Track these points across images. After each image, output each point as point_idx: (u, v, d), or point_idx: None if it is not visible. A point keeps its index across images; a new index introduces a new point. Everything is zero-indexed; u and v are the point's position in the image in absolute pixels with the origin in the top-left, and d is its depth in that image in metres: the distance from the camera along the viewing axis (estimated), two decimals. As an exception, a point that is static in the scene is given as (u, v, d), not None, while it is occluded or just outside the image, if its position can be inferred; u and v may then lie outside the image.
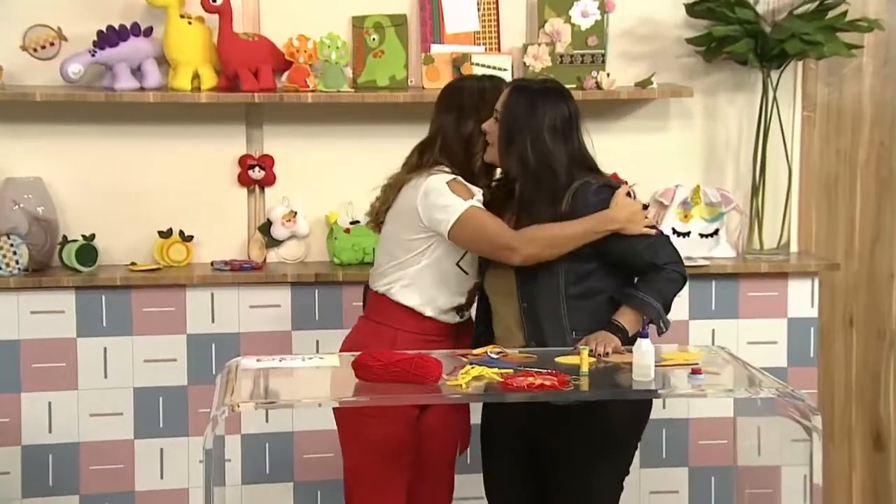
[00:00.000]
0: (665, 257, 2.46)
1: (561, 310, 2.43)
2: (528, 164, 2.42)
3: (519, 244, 2.40)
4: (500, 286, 2.49)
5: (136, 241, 3.17)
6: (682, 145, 3.35)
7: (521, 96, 2.43)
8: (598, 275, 2.46)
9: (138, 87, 3.11)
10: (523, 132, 2.41)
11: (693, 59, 3.31)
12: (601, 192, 2.46)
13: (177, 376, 3.10)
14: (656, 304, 2.41)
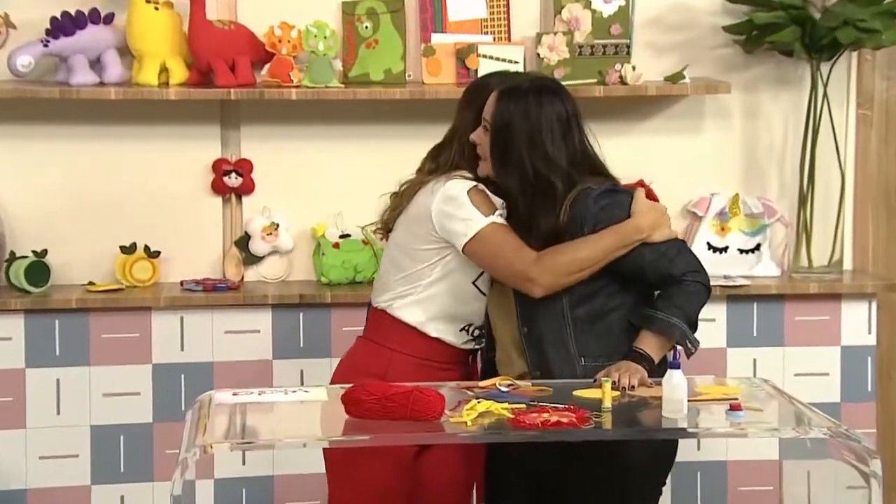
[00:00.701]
0: (682, 266, 2.44)
1: (566, 334, 2.43)
2: (526, 176, 2.42)
3: (537, 274, 2.39)
4: (498, 306, 2.50)
5: (95, 257, 3.19)
6: (718, 148, 3.37)
7: (511, 100, 2.43)
8: (606, 293, 2.45)
9: (97, 81, 3.13)
10: (518, 141, 2.41)
11: (731, 50, 3.33)
12: (603, 198, 2.45)
13: (140, 412, 3.12)
14: (679, 322, 2.41)
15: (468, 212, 2.43)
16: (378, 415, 2.15)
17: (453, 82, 3.23)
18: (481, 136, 2.47)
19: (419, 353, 2.46)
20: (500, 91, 2.45)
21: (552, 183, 2.42)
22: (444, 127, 3.34)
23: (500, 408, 2.22)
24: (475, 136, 2.49)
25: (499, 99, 2.44)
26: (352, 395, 2.17)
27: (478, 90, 2.55)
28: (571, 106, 2.46)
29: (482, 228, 2.42)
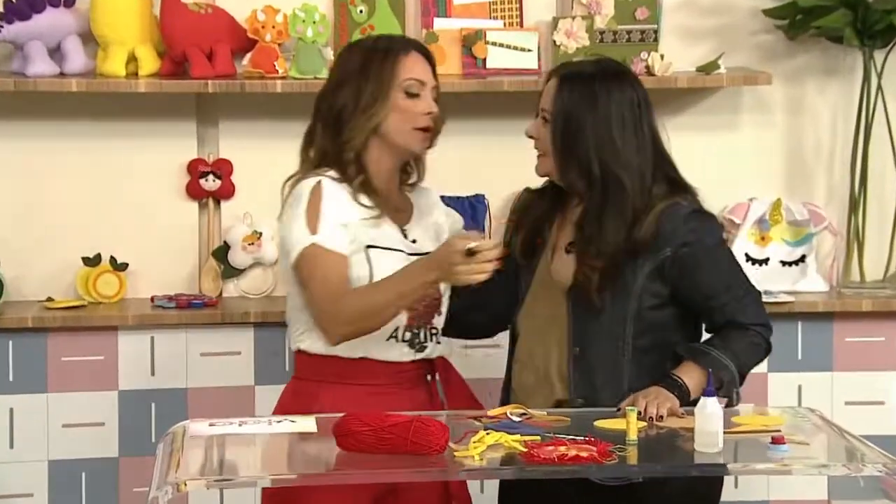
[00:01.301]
0: (753, 317, 2.47)
1: (622, 362, 2.43)
2: (593, 174, 2.40)
3: (327, 323, 2.39)
4: (540, 321, 2.48)
5: (54, 270, 3.19)
6: (757, 147, 3.37)
7: (575, 86, 2.42)
8: (671, 327, 2.47)
9: (58, 72, 3.13)
10: (584, 133, 2.40)
11: (772, 37, 3.34)
12: (693, 219, 2.45)
13: (105, 445, 3.12)
14: (731, 365, 2.42)
15: (296, 225, 2.42)
16: (373, 448, 2.15)
17: (459, 73, 3.23)
18: (538, 128, 2.46)
19: (349, 379, 2.44)
20: (561, 77, 2.44)
21: (621, 183, 2.40)
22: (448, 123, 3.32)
23: (511, 440, 2.21)
24: (532, 129, 2.48)
25: (560, 87, 2.43)
26: (344, 426, 2.17)
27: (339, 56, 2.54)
28: (642, 91, 2.46)
29: (302, 250, 2.41)
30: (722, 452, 2.22)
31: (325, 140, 2.48)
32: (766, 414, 2.55)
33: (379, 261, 2.44)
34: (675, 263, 2.44)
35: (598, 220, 2.41)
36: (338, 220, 2.43)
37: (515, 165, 3.30)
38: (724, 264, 2.49)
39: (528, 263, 2.51)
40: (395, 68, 2.46)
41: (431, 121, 2.50)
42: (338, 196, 2.45)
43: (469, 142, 3.30)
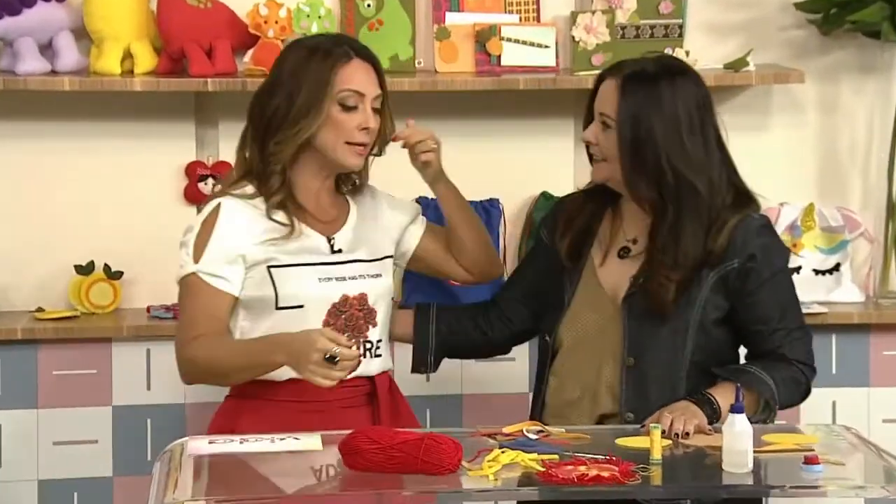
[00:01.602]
0: (801, 354, 2.49)
1: (678, 376, 2.44)
2: (665, 181, 2.40)
3: (180, 360, 2.43)
4: (587, 331, 2.49)
5: (45, 278, 3.20)
6: (789, 149, 3.37)
7: (640, 87, 2.41)
8: (728, 347, 2.49)
9: (49, 69, 3.15)
10: (654, 137, 2.40)
11: (804, 32, 3.34)
12: (765, 234, 2.47)
13: (98, 464, 3.12)
14: (772, 384, 2.42)
15: (186, 249, 2.46)
16: (382, 466, 2.15)
17: (472, 71, 3.24)
18: (597, 133, 2.45)
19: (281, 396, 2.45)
20: (624, 78, 2.43)
21: (695, 189, 2.41)
22: (461, 123, 3.36)
23: (528, 459, 2.21)
24: (589, 134, 2.46)
25: (624, 88, 2.42)
26: (351, 444, 2.18)
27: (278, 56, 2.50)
28: (705, 90, 2.47)
29: (183, 276, 2.45)
30: (751, 473, 2.22)
31: (253, 148, 2.47)
32: (798, 432, 2.55)
33: (284, 279, 2.44)
34: (740, 276, 2.45)
35: (675, 230, 2.41)
36: (228, 251, 2.43)
37: (531, 168, 3.32)
38: (784, 291, 2.49)
39: (572, 270, 2.51)
40: (331, 77, 2.42)
41: (367, 136, 2.47)
42: (237, 221, 2.44)
43: (482, 143, 3.31)
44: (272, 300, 2.45)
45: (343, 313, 2.47)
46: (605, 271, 2.51)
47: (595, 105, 2.47)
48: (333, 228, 2.51)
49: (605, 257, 2.51)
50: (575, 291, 2.50)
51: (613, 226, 2.52)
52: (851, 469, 2.35)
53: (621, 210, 2.52)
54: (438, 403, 3.15)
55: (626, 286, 2.47)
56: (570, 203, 2.58)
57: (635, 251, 2.49)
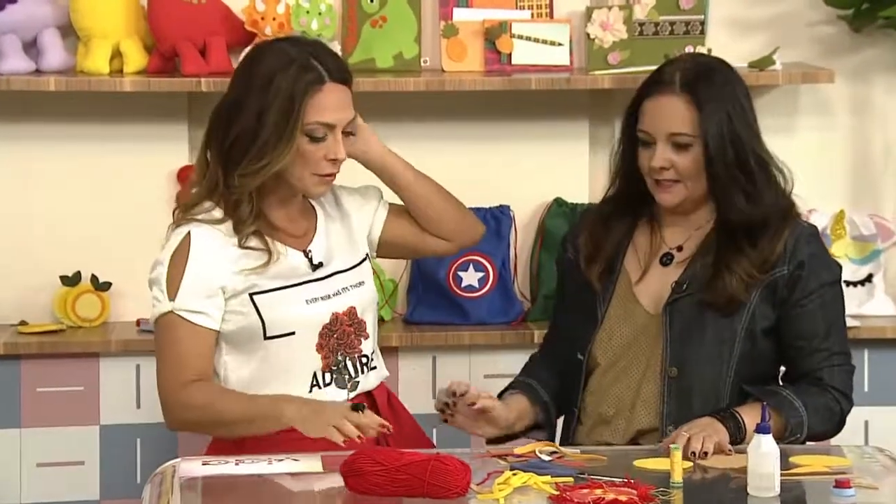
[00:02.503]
0: (839, 382, 2.49)
1: (724, 388, 2.44)
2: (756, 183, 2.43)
3: (167, 408, 2.37)
4: (622, 347, 2.49)
5: (29, 290, 3.21)
6: (817, 152, 3.37)
7: (707, 90, 2.43)
8: (771, 362, 2.50)
9: (34, 68, 3.16)
10: (738, 138, 2.43)
11: (834, 29, 3.34)
12: (814, 244, 2.50)
13: (84, 487, 3.13)
14: (802, 410, 2.42)
15: (158, 286, 2.39)
16: (386, 490, 2.16)
17: (481, 70, 3.25)
18: (668, 154, 2.43)
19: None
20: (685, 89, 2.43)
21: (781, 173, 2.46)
22: (469, 126, 3.36)
23: (541, 482, 2.21)
24: (661, 160, 2.43)
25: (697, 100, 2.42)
26: (353, 465, 2.18)
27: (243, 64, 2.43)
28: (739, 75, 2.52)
29: (159, 316, 2.39)
30: (778, 497, 2.21)
31: (216, 166, 2.39)
32: (828, 453, 2.54)
33: (270, 306, 2.40)
34: (788, 284, 2.47)
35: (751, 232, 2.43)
36: (206, 284, 2.38)
37: (544, 173, 3.32)
38: (831, 308, 2.50)
39: (604, 291, 2.51)
40: (301, 108, 2.35)
41: (335, 167, 2.43)
42: (210, 250, 2.38)
43: (492, 147, 3.31)
44: (259, 330, 2.40)
45: (334, 332, 2.45)
46: (642, 285, 2.51)
47: (652, 127, 2.45)
48: (307, 240, 2.47)
49: (645, 269, 2.51)
50: (608, 307, 2.51)
51: (653, 237, 2.53)
52: (886, 493, 2.33)
53: (660, 220, 2.53)
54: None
55: (668, 294, 2.48)
56: (592, 225, 2.56)
57: (680, 258, 2.51)
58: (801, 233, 2.48)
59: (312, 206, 2.51)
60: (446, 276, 3.28)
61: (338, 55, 2.45)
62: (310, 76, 2.36)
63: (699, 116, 2.42)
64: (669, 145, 2.45)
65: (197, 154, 2.46)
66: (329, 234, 2.49)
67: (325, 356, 2.44)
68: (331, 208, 2.53)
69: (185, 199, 2.47)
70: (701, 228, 2.50)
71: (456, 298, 3.28)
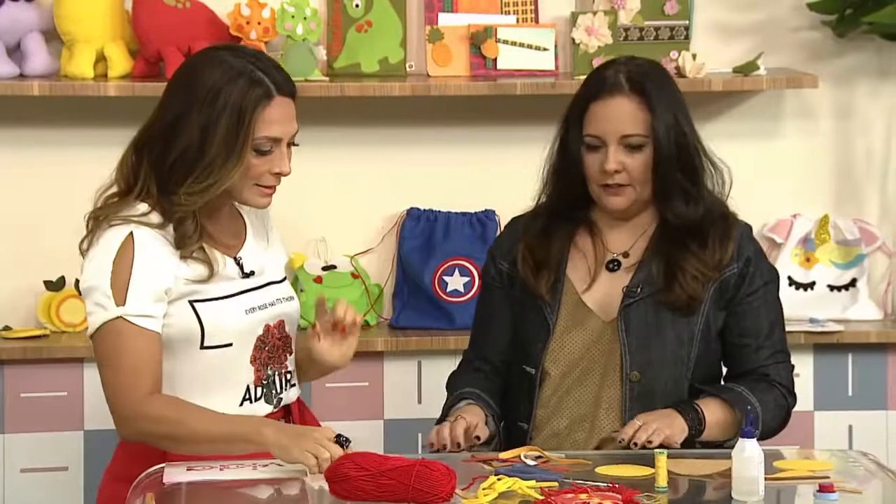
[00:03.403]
0: (785, 379, 2.50)
1: (684, 388, 2.45)
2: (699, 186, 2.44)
3: (122, 421, 2.26)
4: (575, 356, 2.48)
5: (13, 294, 3.20)
6: (802, 157, 3.38)
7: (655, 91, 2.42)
8: (717, 363, 2.51)
9: (17, 73, 3.15)
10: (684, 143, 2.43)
11: (818, 34, 3.35)
12: (755, 241, 2.52)
13: (69, 493, 3.12)
14: (757, 406, 2.43)
15: (99, 290, 2.26)
16: (371, 495, 2.15)
17: (466, 74, 3.26)
18: (620, 156, 2.41)
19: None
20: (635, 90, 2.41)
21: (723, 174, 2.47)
22: (454, 130, 3.37)
23: (525, 487, 2.21)
24: (615, 162, 2.41)
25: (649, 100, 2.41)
26: (337, 471, 2.17)
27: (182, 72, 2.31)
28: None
29: (104, 324, 2.26)
30: (763, 501, 2.21)
31: (147, 179, 2.29)
32: (812, 458, 2.55)
33: (210, 314, 2.33)
34: (737, 282, 2.48)
35: (701, 233, 2.44)
36: (154, 286, 2.28)
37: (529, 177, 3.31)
38: (774, 305, 2.52)
39: (552, 301, 2.49)
40: (251, 124, 2.26)
41: (277, 179, 2.32)
42: (154, 251, 2.28)
43: (477, 151, 3.32)
44: (197, 339, 2.32)
45: (266, 345, 2.39)
46: (591, 292, 2.50)
47: (602, 130, 2.43)
48: (237, 248, 2.39)
49: (592, 277, 2.50)
50: (558, 318, 2.49)
51: (595, 243, 2.51)
52: (869, 497, 2.33)
53: (600, 226, 2.51)
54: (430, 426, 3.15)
55: (619, 300, 2.47)
56: (530, 237, 2.51)
57: (627, 263, 2.49)
58: (744, 231, 2.50)
59: (239, 213, 2.43)
60: (432, 281, 3.28)
61: (281, 67, 2.34)
62: (259, 90, 2.28)
63: (651, 117, 2.41)
64: (621, 147, 2.43)
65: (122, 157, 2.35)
66: (258, 244, 2.43)
67: (258, 369, 2.39)
68: (256, 220, 2.45)
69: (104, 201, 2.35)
70: (645, 233, 2.49)
71: (441, 303, 3.28)
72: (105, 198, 2.36)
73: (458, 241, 3.30)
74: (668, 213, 2.45)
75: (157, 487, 2.25)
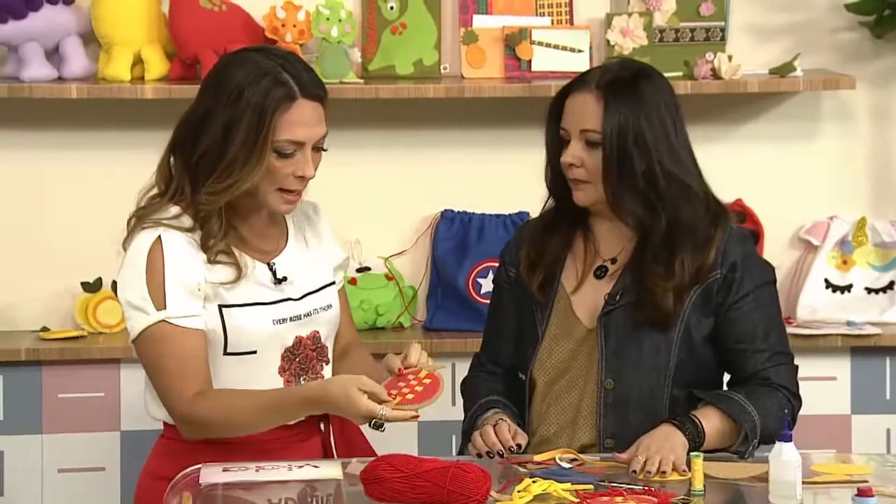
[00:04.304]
0: (787, 380, 2.45)
1: (662, 397, 2.43)
2: (661, 196, 2.39)
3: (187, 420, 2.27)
4: (559, 363, 2.47)
5: (50, 296, 3.22)
6: (839, 159, 3.36)
7: (622, 95, 2.39)
8: (711, 369, 2.47)
9: (56, 76, 3.17)
10: (644, 144, 2.39)
11: (856, 35, 3.33)
12: (746, 243, 2.46)
13: (106, 493, 3.13)
14: (755, 414, 2.39)
15: (137, 294, 2.26)
16: (406, 496, 2.15)
17: (500, 76, 3.25)
18: (579, 151, 2.41)
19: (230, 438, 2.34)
20: (601, 87, 2.40)
21: (690, 189, 2.39)
22: (489, 132, 3.36)
23: (560, 489, 2.21)
24: (573, 157, 2.41)
25: (606, 98, 2.39)
26: (373, 472, 2.18)
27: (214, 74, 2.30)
28: (672, 89, 2.47)
29: (148, 328, 2.26)
30: (800, 504, 2.22)
31: (182, 178, 2.30)
32: (849, 462, 2.54)
33: (236, 321, 2.33)
34: (722, 288, 2.44)
35: (669, 240, 2.40)
36: (188, 284, 2.27)
37: (564, 180, 3.31)
38: (768, 308, 2.47)
39: (544, 304, 2.48)
40: (271, 126, 2.25)
41: (301, 184, 2.31)
42: (183, 253, 2.28)
43: (511, 153, 3.31)
44: (220, 344, 2.31)
45: (297, 356, 2.39)
46: (579, 296, 2.48)
47: (568, 124, 2.43)
48: (274, 254, 2.37)
49: (579, 283, 2.48)
50: (548, 324, 2.48)
51: (587, 248, 2.49)
52: (908, 501, 2.33)
53: (594, 231, 2.49)
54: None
55: (602, 305, 2.45)
56: (530, 235, 2.52)
57: (613, 269, 2.48)
58: (731, 235, 2.44)
59: (283, 219, 2.42)
60: (466, 283, 3.28)
61: (312, 69, 2.34)
62: (281, 91, 2.26)
63: (606, 115, 2.39)
64: (582, 142, 2.42)
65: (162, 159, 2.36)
66: (299, 250, 2.41)
67: (287, 380, 2.38)
68: (306, 223, 2.45)
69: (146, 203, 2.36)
70: (632, 239, 2.46)
71: (475, 305, 3.28)
72: (148, 198, 2.37)
73: (492, 242, 3.30)
74: (622, 215, 2.42)
75: (193, 488, 2.26)
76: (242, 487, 2.29)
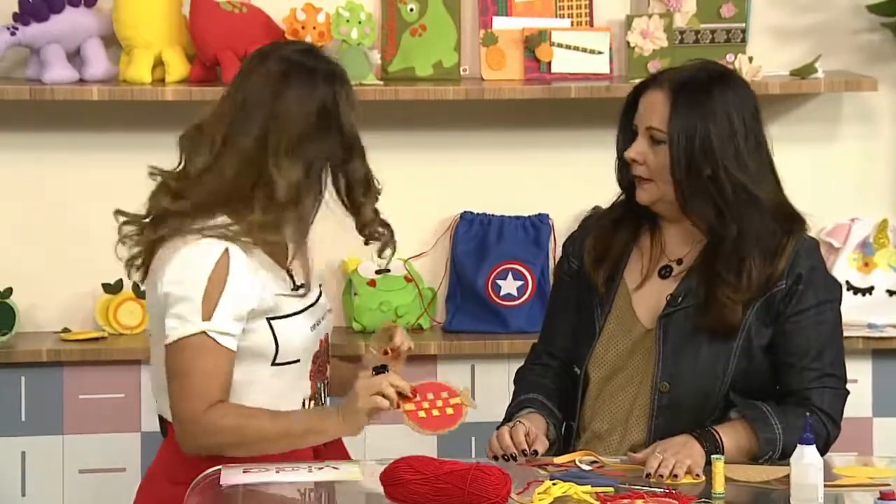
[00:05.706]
0: (829, 406, 2.41)
1: (717, 403, 2.40)
2: (725, 197, 2.37)
3: (199, 431, 2.25)
4: (616, 360, 2.46)
5: (71, 298, 3.23)
6: (860, 161, 3.35)
7: (692, 96, 2.38)
8: (766, 380, 2.42)
9: (77, 78, 3.19)
10: (713, 151, 2.36)
11: (878, 36, 3.32)
12: (815, 255, 2.42)
13: (126, 494, 3.11)
14: (778, 429, 2.36)
15: (189, 302, 2.24)
16: (426, 498, 2.16)
17: (520, 78, 3.25)
18: (644, 151, 2.41)
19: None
20: (672, 88, 2.39)
21: (757, 200, 2.37)
22: (508, 134, 3.36)
23: (581, 491, 2.21)
24: (635, 152, 2.41)
25: (675, 98, 2.38)
26: (394, 474, 2.18)
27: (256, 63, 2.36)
28: (755, 95, 2.44)
29: (187, 337, 2.24)
30: (822, 509, 2.21)
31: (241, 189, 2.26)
32: (871, 465, 2.55)
33: (286, 332, 2.33)
34: (784, 299, 2.41)
35: (738, 250, 2.37)
36: (240, 307, 2.26)
37: (582, 181, 3.31)
38: (827, 328, 2.43)
39: (604, 298, 2.47)
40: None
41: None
42: (245, 276, 2.27)
43: (531, 155, 3.31)
44: (271, 355, 2.32)
45: (318, 359, 2.40)
46: (640, 294, 2.47)
47: (638, 120, 2.43)
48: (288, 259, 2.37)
49: (643, 280, 2.47)
50: (606, 320, 2.47)
51: (654, 247, 2.48)
52: (930, 505, 2.32)
53: (662, 230, 2.48)
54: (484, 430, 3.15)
55: (663, 306, 2.44)
56: (598, 227, 2.51)
57: (678, 270, 2.46)
58: (801, 246, 2.41)
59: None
60: (485, 285, 3.28)
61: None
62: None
63: (673, 115, 2.38)
64: (646, 139, 2.41)
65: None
66: (300, 251, 2.40)
67: (313, 384, 2.40)
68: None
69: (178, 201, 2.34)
70: (701, 241, 2.44)
71: (495, 307, 3.28)
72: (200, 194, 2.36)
73: (512, 244, 3.29)
74: (694, 218, 2.41)
75: (214, 489, 2.26)
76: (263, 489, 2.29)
